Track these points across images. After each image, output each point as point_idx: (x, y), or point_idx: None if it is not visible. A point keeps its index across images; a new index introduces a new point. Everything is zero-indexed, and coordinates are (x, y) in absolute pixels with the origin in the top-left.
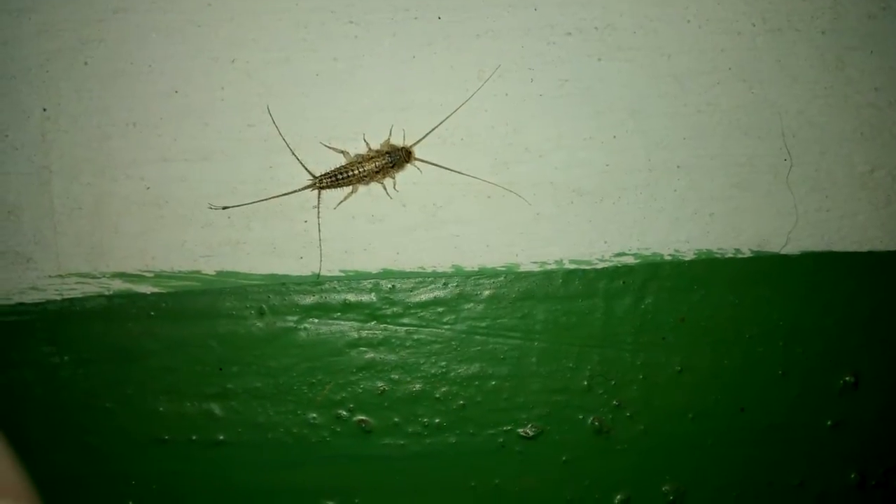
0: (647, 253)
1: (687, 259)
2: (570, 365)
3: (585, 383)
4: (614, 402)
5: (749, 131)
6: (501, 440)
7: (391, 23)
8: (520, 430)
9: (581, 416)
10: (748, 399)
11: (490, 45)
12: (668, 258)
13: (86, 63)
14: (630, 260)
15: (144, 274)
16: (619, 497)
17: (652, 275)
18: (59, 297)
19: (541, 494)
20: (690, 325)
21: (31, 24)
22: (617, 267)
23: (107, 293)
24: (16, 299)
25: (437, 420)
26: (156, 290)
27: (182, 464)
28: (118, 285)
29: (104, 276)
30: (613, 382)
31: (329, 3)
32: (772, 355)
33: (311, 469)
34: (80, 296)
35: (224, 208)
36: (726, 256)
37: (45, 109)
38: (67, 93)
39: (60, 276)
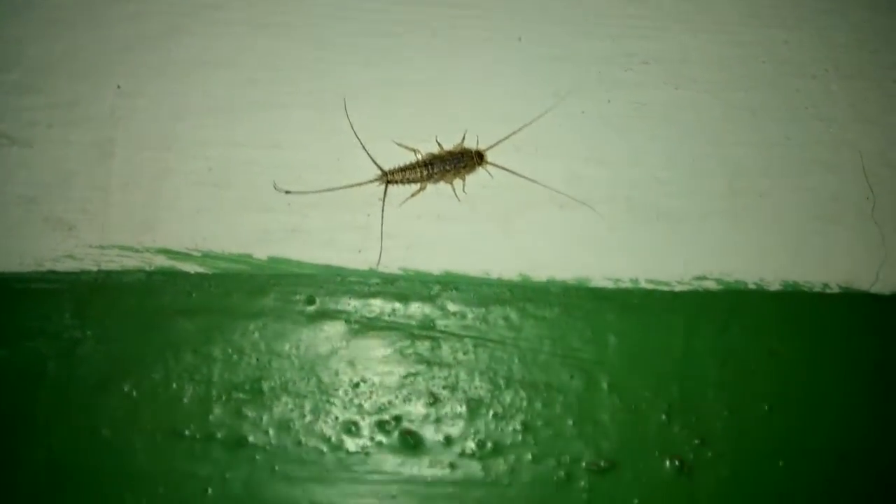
0: (730, 279)
1: (772, 289)
2: (647, 394)
3: (664, 417)
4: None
5: (830, 167)
6: (564, 472)
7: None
8: (587, 463)
9: (658, 453)
10: (849, 444)
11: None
12: (753, 287)
13: (169, 51)
14: (712, 285)
15: (192, 252)
16: None
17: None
18: (95, 269)
19: None
20: (781, 358)
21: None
22: (697, 291)
23: (147, 268)
24: (48, 266)
25: (490, 441)
26: (201, 269)
27: (198, 464)
28: (161, 261)
29: (147, 251)
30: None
31: (424, 18)
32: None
33: (346, 487)
34: (118, 269)
35: (287, 192)
36: (814, 290)
37: (119, 87)
38: (146, 72)
39: (101, 246)
